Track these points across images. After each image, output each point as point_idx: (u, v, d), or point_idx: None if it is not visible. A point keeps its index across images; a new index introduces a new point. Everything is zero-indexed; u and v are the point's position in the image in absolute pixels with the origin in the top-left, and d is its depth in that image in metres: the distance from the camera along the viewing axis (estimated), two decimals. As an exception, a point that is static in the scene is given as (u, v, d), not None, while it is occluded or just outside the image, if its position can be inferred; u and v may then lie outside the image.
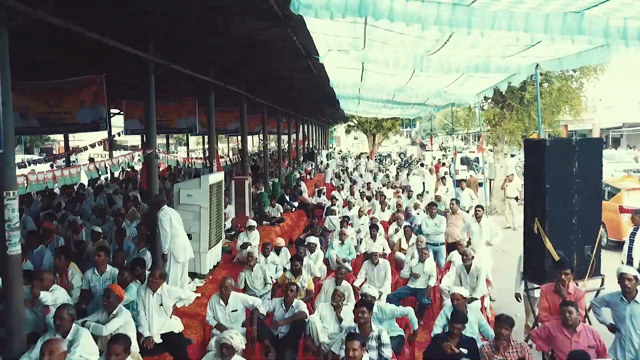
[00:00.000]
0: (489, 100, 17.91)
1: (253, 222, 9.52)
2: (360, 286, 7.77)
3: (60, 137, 51.59)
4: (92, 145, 20.00)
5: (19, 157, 36.58)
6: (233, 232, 11.18)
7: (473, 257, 7.42)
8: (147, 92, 7.40)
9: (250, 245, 9.02)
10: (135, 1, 5.78)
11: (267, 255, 8.38)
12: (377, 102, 16.51)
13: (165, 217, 6.69)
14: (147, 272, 6.85)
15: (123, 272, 5.97)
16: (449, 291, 8.08)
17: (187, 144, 32.71)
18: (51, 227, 8.46)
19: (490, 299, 8.26)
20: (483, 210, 9.08)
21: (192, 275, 7.97)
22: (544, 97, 16.42)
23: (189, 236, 7.78)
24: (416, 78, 10.83)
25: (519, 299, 6.84)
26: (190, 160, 10.42)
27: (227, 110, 18.72)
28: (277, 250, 8.83)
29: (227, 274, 8.45)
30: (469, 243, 8.96)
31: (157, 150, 7.58)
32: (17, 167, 7.98)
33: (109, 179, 19.07)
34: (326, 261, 9.24)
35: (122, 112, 15.49)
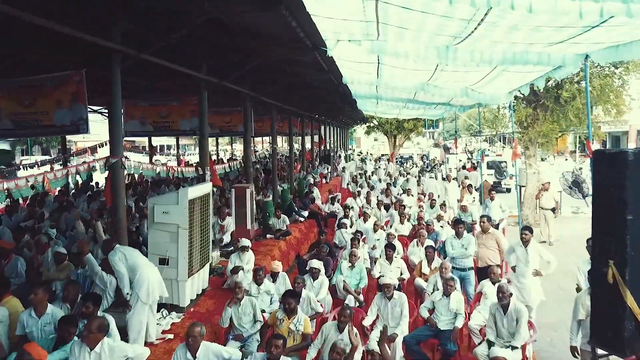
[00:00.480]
0: (521, 100, 16.23)
1: (246, 242, 8.15)
2: (371, 327, 6.39)
3: (76, 137, 51.29)
4: (101, 146, 18.87)
5: (32, 159, 36.17)
6: (231, 248, 9.88)
7: (511, 294, 5.94)
8: (111, 88, 6.10)
9: (243, 269, 7.68)
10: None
11: (260, 284, 7.02)
12: (397, 102, 15.06)
13: (116, 256, 5.49)
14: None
15: (64, 322, 4.57)
16: (479, 330, 6.69)
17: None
18: (8, 247, 7.25)
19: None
20: (531, 233, 7.57)
21: (170, 307, 6.67)
22: (584, 95, 14.69)
23: (165, 261, 6.51)
24: (440, 73, 9.39)
25: (576, 354, 5.34)
26: (173, 168, 9.07)
27: (235, 111, 17.51)
28: (274, 275, 7.46)
29: (213, 305, 7.16)
30: (513, 269, 7.51)
31: (125, 159, 6.28)
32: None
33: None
34: (333, 288, 7.86)
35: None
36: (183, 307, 6.69)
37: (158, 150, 61.38)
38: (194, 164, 12.45)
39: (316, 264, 7.41)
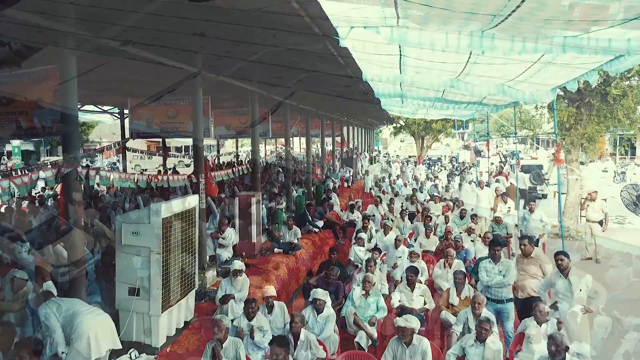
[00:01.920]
0: (563, 98, 14.62)
1: (240, 265, 6.94)
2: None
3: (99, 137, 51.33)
4: (108, 148, 18.05)
5: (52, 159, 35.93)
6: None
7: (568, 347, 4.58)
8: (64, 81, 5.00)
9: (234, 298, 6.50)
10: None
11: (252, 318, 5.80)
12: (424, 101, 13.70)
13: (45, 310, 4.55)
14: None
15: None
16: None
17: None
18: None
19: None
20: (568, 258, 6.15)
21: (143, 346, 5.53)
22: (636, 93, 13.07)
23: (135, 292, 5.38)
24: (473, 67, 8.05)
25: None
26: (157, 177, 7.94)
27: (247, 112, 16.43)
28: (269, 304, 6.21)
29: (196, 342, 5.99)
30: (554, 307, 6.07)
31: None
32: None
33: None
34: (343, 320, 6.60)
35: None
36: (156, 348, 5.54)
37: (183, 151, 61.12)
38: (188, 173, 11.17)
39: (320, 294, 6.14)
